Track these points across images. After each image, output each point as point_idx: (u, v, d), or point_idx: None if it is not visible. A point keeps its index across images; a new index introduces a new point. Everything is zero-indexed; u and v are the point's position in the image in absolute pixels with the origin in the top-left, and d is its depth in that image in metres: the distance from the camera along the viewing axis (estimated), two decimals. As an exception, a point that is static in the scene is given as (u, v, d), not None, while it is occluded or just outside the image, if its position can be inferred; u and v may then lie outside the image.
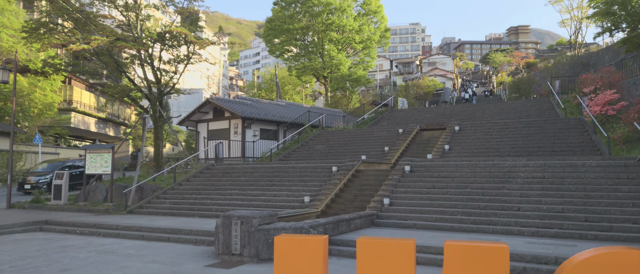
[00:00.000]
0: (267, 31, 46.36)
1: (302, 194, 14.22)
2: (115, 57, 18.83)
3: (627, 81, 18.71)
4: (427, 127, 20.99)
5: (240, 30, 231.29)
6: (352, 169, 15.09)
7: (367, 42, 46.63)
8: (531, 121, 19.06)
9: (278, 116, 24.51)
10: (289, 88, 59.30)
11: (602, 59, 45.03)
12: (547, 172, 12.20)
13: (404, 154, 18.60)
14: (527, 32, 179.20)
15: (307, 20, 45.23)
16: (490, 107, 25.88)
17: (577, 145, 15.89)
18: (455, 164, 13.80)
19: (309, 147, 21.49)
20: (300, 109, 28.60)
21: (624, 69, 20.43)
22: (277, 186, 15.39)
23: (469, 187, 12.42)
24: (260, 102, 26.71)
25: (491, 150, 16.91)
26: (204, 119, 24.62)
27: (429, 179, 13.32)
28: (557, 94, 24.45)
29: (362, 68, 47.75)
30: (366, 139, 21.19)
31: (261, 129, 23.30)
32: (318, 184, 14.70)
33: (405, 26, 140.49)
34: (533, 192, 11.39)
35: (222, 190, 16.12)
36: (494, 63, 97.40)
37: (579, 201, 10.54)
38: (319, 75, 46.64)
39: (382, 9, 48.44)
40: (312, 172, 15.89)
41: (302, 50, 46.93)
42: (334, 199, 13.74)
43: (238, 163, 19.21)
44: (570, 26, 59.48)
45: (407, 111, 28.56)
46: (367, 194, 13.68)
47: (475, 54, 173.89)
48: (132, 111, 47.64)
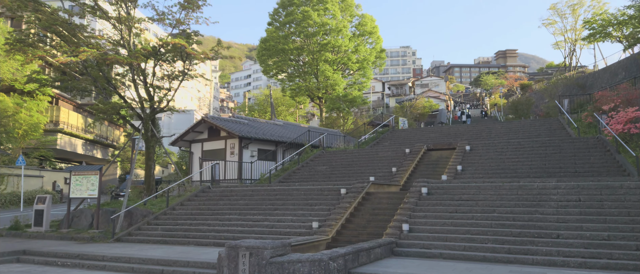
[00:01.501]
0: (261, 51, 45.55)
1: (309, 219, 12.95)
2: (105, 73, 17.61)
3: None
4: (435, 147, 19.94)
5: (232, 53, 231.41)
6: (362, 192, 13.88)
7: (363, 62, 46.02)
8: (546, 141, 18.11)
9: (276, 135, 23.33)
10: (283, 109, 58.27)
11: (599, 80, 44.75)
12: (582, 194, 11.12)
13: (413, 175, 17.48)
14: (515, 56, 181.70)
15: (302, 40, 44.60)
16: (496, 126, 24.99)
17: (600, 165, 14.90)
18: (477, 185, 12.68)
19: (310, 168, 20.27)
20: (299, 128, 27.47)
21: (637, 84, 19.74)
22: (281, 210, 14.10)
23: (497, 212, 11.27)
24: (258, 122, 25.55)
25: (508, 171, 15.85)
26: (199, 139, 23.34)
27: (450, 203, 12.16)
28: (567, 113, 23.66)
29: (358, 89, 47.00)
30: (371, 159, 20.04)
31: (259, 150, 22.07)
32: (326, 208, 13.45)
33: (396, 49, 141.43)
34: (571, 218, 10.27)
35: (220, 215, 14.78)
36: (486, 85, 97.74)
37: (626, 227, 9.43)
38: (313, 95, 45.76)
39: (377, 30, 48.10)
40: (319, 194, 14.65)
41: (296, 71, 46.13)
42: (344, 225, 12.49)
43: (236, 185, 17.91)
44: (565, 48, 59.84)
45: (409, 131, 27.57)
46: (381, 219, 12.46)
47: (464, 77, 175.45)
48: (121, 132, 46.05)
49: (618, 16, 43.42)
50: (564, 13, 57.51)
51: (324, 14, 43.97)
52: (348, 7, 46.46)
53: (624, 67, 40.34)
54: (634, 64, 39.04)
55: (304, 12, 42.79)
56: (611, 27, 44.42)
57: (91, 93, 20.66)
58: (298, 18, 43.32)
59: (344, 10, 46.16)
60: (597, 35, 46.03)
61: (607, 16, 45.53)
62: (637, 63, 38.16)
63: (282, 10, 45.18)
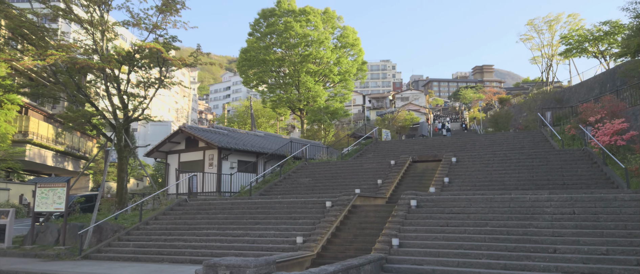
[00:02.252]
0: (242, 62, 44.82)
1: (293, 233, 12.24)
2: (75, 79, 16.65)
3: (633, 110, 17.93)
4: (421, 159, 19.53)
5: (211, 62, 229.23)
6: (348, 205, 13.27)
7: (345, 74, 45.76)
8: (532, 153, 17.89)
9: (257, 146, 22.58)
10: (263, 121, 57.49)
11: (576, 94, 45.46)
12: (576, 207, 10.76)
13: (399, 187, 16.98)
14: (491, 71, 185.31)
15: (283, 51, 44.14)
16: (479, 139, 24.81)
17: (588, 177, 14.67)
18: (468, 198, 12.22)
19: (292, 181, 19.57)
20: (281, 140, 26.78)
21: (620, 96, 19.78)
22: (263, 225, 13.35)
23: (490, 225, 10.80)
24: (238, 132, 24.76)
25: (496, 183, 15.49)
26: (175, 150, 22.41)
27: (441, 216, 11.64)
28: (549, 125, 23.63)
29: (339, 100, 46.66)
30: (355, 171, 19.48)
31: (239, 161, 21.26)
32: (311, 222, 12.77)
33: (376, 62, 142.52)
34: (567, 231, 9.86)
35: (197, 230, 13.93)
36: (465, 99, 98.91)
37: (624, 241, 9.05)
38: (294, 107, 45.18)
39: (359, 42, 48.01)
40: (302, 208, 13.96)
41: (277, 82, 45.55)
42: (330, 239, 11.83)
43: (214, 198, 17.07)
44: (542, 63, 60.93)
45: (393, 143, 27.19)
46: (368, 234, 11.84)
47: (443, 91, 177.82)
48: (94, 144, 44.43)
49: (594, 32, 44.43)
50: (541, 29, 58.65)
51: (306, 25, 43.67)
52: (330, 19, 46.29)
53: (600, 82, 41.11)
54: (609, 79, 39.86)
55: (286, 23, 42.40)
56: (587, 43, 45.38)
57: (61, 101, 19.59)
58: (280, 29, 42.87)
59: (326, 22, 45.96)
60: (574, 51, 46.97)
61: (583, 32, 46.55)
62: (613, 78, 38.97)
63: (263, 20, 44.70)
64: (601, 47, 44.96)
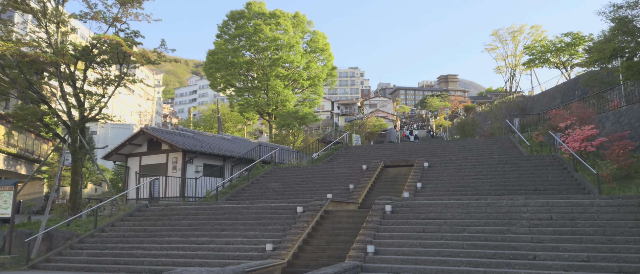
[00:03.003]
0: (209, 64, 43.63)
1: (262, 240, 11.54)
2: (25, 74, 15.38)
3: (599, 117, 18.21)
4: (392, 164, 19.18)
5: (177, 68, 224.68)
6: (320, 210, 12.67)
7: (314, 79, 45.31)
8: (503, 158, 17.86)
9: (224, 150, 21.68)
10: (230, 125, 56.21)
11: (538, 103, 46.71)
12: (553, 212, 10.56)
13: (371, 192, 16.54)
14: (456, 81, 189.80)
15: (252, 54, 43.33)
16: (449, 144, 24.80)
17: (559, 183, 14.66)
18: (444, 203, 11.86)
19: (261, 185, 18.82)
20: (249, 143, 25.94)
21: (586, 104, 20.11)
22: (229, 231, 12.57)
23: (467, 231, 10.45)
24: (204, 135, 23.76)
25: (469, 188, 15.28)
26: (136, 152, 21.21)
27: (417, 221, 11.22)
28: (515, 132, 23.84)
29: (309, 105, 46.14)
30: (326, 176, 18.93)
31: (205, 165, 20.31)
32: (281, 228, 12.09)
33: (345, 69, 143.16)
34: (545, 237, 9.61)
35: (158, 237, 12.99)
36: (431, 107, 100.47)
37: (604, 247, 8.85)
38: (263, 111, 44.35)
39: (329, 47, 47.72)
40: (272, 213, 13.27)
41: (245, 86, 44.60)
42: (302, 247, 11.20)
43: (177, 203, 16.12)
44: (505, 73, 62.50)
45: (363, 148, 26.84)
46: (342, 240, 11.29)
47: (409, 99, 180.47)
48: (50, 146, 42.12)
49: (556, 43, 45.82)
50: (505, 39, 60.20)
51: (276, 28, 43.05)
52: (300, 23, 45.82)
53: (562, 91, 42.43)
54: (570, 89, 41.16)
55: (255, 26, 41.63)
56: (549, 54, 46.73)
57: (10, 98, 18.17)
58: (249, 31, 42.05)
59: (296, 26, 45.46)
60: (537, 61, 48.26)
61: (546, 43, 47.94)
62: (574, 87, 40.24)
63: (232, 22, 43.77)
64: (563, 58, 46.40)
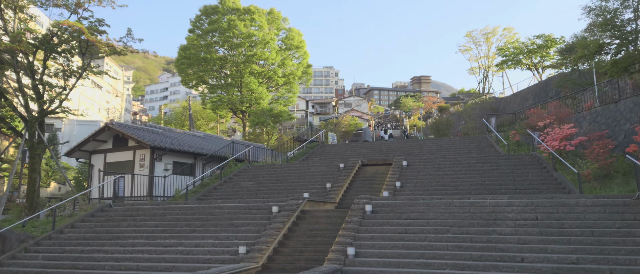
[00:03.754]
0: (181, 59, 42.27)
1: (234, 242, 10.81)
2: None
3: (576, 116, 18.22)
4: (370, 163, 18.70)
5: (147, 65, 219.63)
6: (297, 210, 12.03)
7: (289, 77, 44.57)
8: (482, 157, 17.62)
9: (195, 147, 20.74)
10: (202, 123, 54.84)
11: (511, 104, 47.37)
12: (539, 212, 10.23)
13: (349, 191, 16.01)
14: (428, 82, 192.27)
15: (226, 51, 42.26)
16: (426, 143, 24.54)
17: (539, 182, 14.45)
18: (426, 203, 11.41)
19: (234, 184, 18.02)
20: (222, 141, 25.01)
21: (562, 103, 20.14)
22: (200, 233, 11.78)
23: (451, 232, 10.00)
24: (174, 132, 22.73)
25: (448, 187, 14.92)
26: (101, 149, 20.05)
27: (398, 222, 10.72)
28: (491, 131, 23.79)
29: (283, 104, 45.39)
30: (302, 174, 18.29)
31: (174, 162, 19.35)
32: (255, 229, 11.39)
33: (319, 69, 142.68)
34: (532, 238, 9.25)
35: (122, 239, 12.08)
36: (405, 107, 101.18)
37: (593, 249, 8.53)
38: (236, 109, 43.32)
39: (304, 45, 47.05)
40: (246, 213, 12.53)
41: (219, 82, 43.47)
42: (277, 249, 10.53)
43: (144, 203, 15.16)
44: (479, 74, 63.29)
45: (340, 146, 26.31)
46: (320, 242, 10.68)
47: (383, 99, 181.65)
48: (10, 142, 39.92)
49: (528, 45, 46.53)
50: (479, 41, 61.04)
51: (251, 24, 42.10)
52: (275, 20, 44.97)
53: (534, 93, 43.15)
54: (542, 90, 41.87)
55: (229, 21, 40.59)
56: (522, 55, 47.43)
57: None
58: (223, 27, 40.98)
59: (271, 23, 44.60)
60: (509, 62, 48.94)
61: (519, 45, 48.65)
62: (546, 89, 40.94)
63: (205, 17, 42.57)
64: (535, 59, 47.17)
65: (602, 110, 18.27)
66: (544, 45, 44.75)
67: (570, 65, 34.93)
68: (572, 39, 34.23)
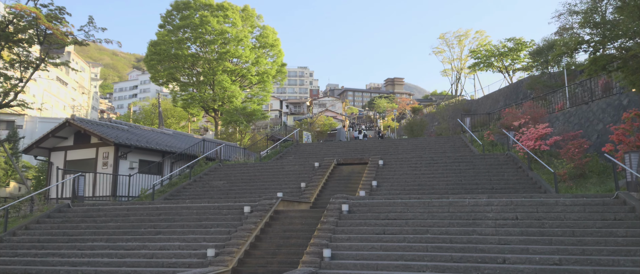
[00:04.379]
0: (150, 55, 40.86)
1: (203, 245, 10.15)
2: None
3: (549, 117, 18.29)
4: (346, 162, 18.29)
5: (116, 62, 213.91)
6: (270, 210, 11.46)
7: (263, 75, 43.74)
8: (459, 157, 17.45)
9: (164, 145, 19.85)
10: (173, 121, 53.30)
11: (482, 105, 48.04)
12: (518, 212, 9.99)
13: (324, 191, 15.54)
14: (402, 84, 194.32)
15: (198, 47, 41.17)
16: (402, 143, 24.34)
17: (515, 182, 14.34)
18: (404, 202, 11.03)
19: (204, 183, 17.28)
20: (192, 139, 24.14)
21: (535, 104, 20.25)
22: (166, 235, 11.06)
23: (430, 232, 9.64)
24: (141, 129, 21.74)
25: (425, 187, 14.64)
26: (61, 146, 18.93)
27: (376, 222, 10.30)
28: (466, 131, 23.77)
29: (257, 103, 44.55)
30: (276, 173, 17.71)
31: (141, 160, 18.43)
32: (225, 231, 10.76)
33: (294, 69, 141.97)
34: (513, 238, 8.97)
35: (80, 242, 11.24)
36: (379, 108, 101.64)
37: (575, 250, 8.30)
38: (208, 107, 42.22)
39: (279, 43, 46.35)
40: (216, 214, 11.88)
41: (190, 80, 42.29)
42: (249, 252, 9.94)
43: (106, 203, 14.28)
44: (451, 76, 64.00)
45: (315, 145, 25.83)
46: (294, 244, 10.15)
47: (357, 100, 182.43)
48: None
49: (500, 48, 47.27)
50: (452, 43, 61.72)
51: (224, 21, 41.11)
52: (249, 17, 44.12)
53: (504, 95, 43.88)
54: (513, 92, 42.61)
55: (202, 17, 39.49)
56: (493, 58, 48.16)
57: None
58: (195, 23, 39.85)
59: (245, 20, 43.72)
60: (481, 65, 49.63)
61: (490, 47, 49.39)
62: (517, 91, 41.70)
63: (177, 13, 41.33)
64: (506, 62, 47.97)
65: (575, 110, 18.41)
66: (515, 49, 45.54)
67: (541, 68, 35.63)
68: (543, 42, 34.90)
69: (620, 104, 15.61)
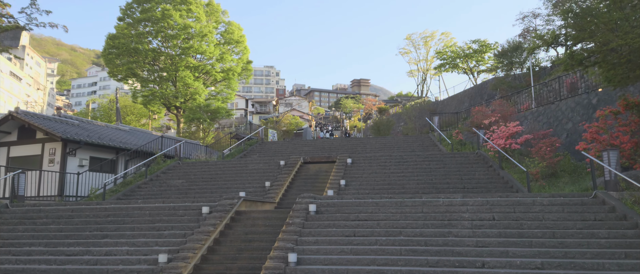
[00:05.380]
0: (108, 49, 38.80)
1: (154, 249, 9.14)
2: None
3: (517, 116, 18.15)
4: (312, 160, 17.54)
5: (75, 58, 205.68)
6: (231, 211, 10.55)
7: (228, 72, 42.40)
8: (429, 155, 17.02)
9: (118, 141, 18.49)
10: (132, 118, 51.04)
11: (448, 106, 48.48)
12: (495, 212, 9.50)
13: (290, 190, 14.73)
14: (368, 85, 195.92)
15: (160, 42, 39.46)
16: (370, 141, 23.80)
17: (487, 181, 13.98)
18: (375, 202, 10.36)
19: (161, 182, 16.11)
20: (150, 135, 22.77)
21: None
22: (113, 239, 9.96)
23: (404, 234, 9.00)
24: (93, 124, 20.25)
25: (396, 186, 14.07)
26: (4, 141, 17.30)
27: (346, 224, 9.58)
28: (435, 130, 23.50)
29: (221, 100, 43.16)
30: (239, 172, 16.75)
31: (92, 158, 17.05)
32: (180, 234, 9.77)
33: (260, 68, 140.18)
34: (491, 240, 8.43)
35: (15, 247, 9.98)
36: (345, 108, 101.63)
37: (557, 252, 7.83)
38: (170, 104, 40.53)
39: (244, 40, 45.10)
40: (171, 215, 10.85)
41: (151, 75, 40.46)
42: (207, 256, 9.01)
43: (49, 204, 12.95)
44: (417, 76, 64.43)
45: (280, 144, 24.96)
46: (257, 247, 9.30)
47: (323, 101, 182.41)
48: None
49: (465, 49, 47.79)
50: (418, 44, 62.11)
51: (187, 15, 39.56)
52: (214, 12, 42.69)
53: (469, 96, 44.40)
54: (478, 93, 43.15)
55: (164, 11, 37.81)
56: (459, 59, 48.65)
57: None
58: (156, 16, 38.11)
59: (210, 15, 42.27)
60: (447, 66, 50.07)
61: (456, 49, 49.90)
62: (481, 92, 42.27)
63: (137, 5, 39.44)
64: (471, 64, 48.55)
65: (543, 110, 18.35)
66: (480, 50, 46.12)
67: (506, 69, 36.11)
68: (507, 43, 35.38)
69: (589, 103, 15.56)
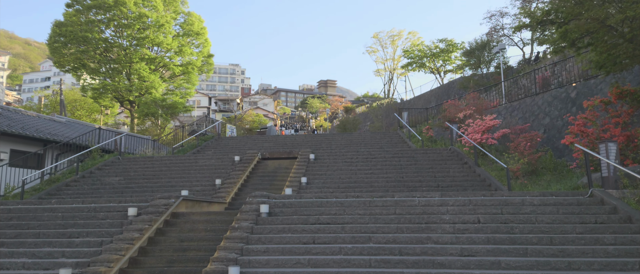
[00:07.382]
0: (54, 37, 35.59)
1: (59, 262, 7.19)
2: None
3: (491, 110, 17.02)
4: (272, 156, 15.80)
5: (29, 52, 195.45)
6: (165, 213, 8.69)
7: (188, 66, 39.91)
8: (398, 152, 15.61)
9: (47, 132, 16.14)
10: (83, 113, 47.50)
11: (415, 105, 47.81)
12: (479, 213, 8.07)
13: (244, 189, 12.95)
14: (334, 86, 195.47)
15: (113, 32, 36.65)
16: (336, 138, 22.25)
17: (462, 179, 12.66)
18: (340, 201, 8.75)
19: (95, 180, 13.95)
20: (87, 127, 20.37)
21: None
22: (9, 247, 7.90)
23: (374, 241, 7.42)
24: (21, 114, 17.75)
25: (363, 184, 12.55)
26: None
27: (304, 228, 7.90)
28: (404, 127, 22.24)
29: (180, 95, 40.63)
30: (187, 169, 14.80)
31: (13, 151, 14.67)
32: (97, 241, 7.84)
33: (225, 66, 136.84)
34: (478, 248, 6.97)
35: None
36: (312, 108, 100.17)
37: (559, 263, 6.44)
38: (123, 98, 37.72)
39: (205, 32, 42.65)
40: (89, 218, 8.86)
41: (103, 67, 37.51)
42: (126, 270, 7.13)
43: (-53, 204, 10.64)
44: (384, 76, 63.68)
45: (239, 139, 23.04)
46: (193, 258, 7.50)
47: (290, 101, 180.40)
48: None
49: (432, 49, 47.20)
50: (385, 43, 61.36)
51: (143, 4, 36.91)
52: (172, 2, 40.14)
53: (436, 95, 43.85)
54: (445, 92, 42.63)
55: (117, -3, 35.05)
56: (426, 58, 48.04)
57: None
58: (108, 3, 35.27)
59: (168, 5, 39.68)
60: (414, 65, 49.39)
61: (423, 48, 49.28)
62: (448, 91, 41.75)
63: (88, -9, 36.45)
64: (437, 63, 48.03)
65: (518, 104, 17.32)
66: (447, 50, 45.64)
67: (473, 68, 35.54)
68: (475, 42, 34.87)
69: (567, 96, 14.55)
